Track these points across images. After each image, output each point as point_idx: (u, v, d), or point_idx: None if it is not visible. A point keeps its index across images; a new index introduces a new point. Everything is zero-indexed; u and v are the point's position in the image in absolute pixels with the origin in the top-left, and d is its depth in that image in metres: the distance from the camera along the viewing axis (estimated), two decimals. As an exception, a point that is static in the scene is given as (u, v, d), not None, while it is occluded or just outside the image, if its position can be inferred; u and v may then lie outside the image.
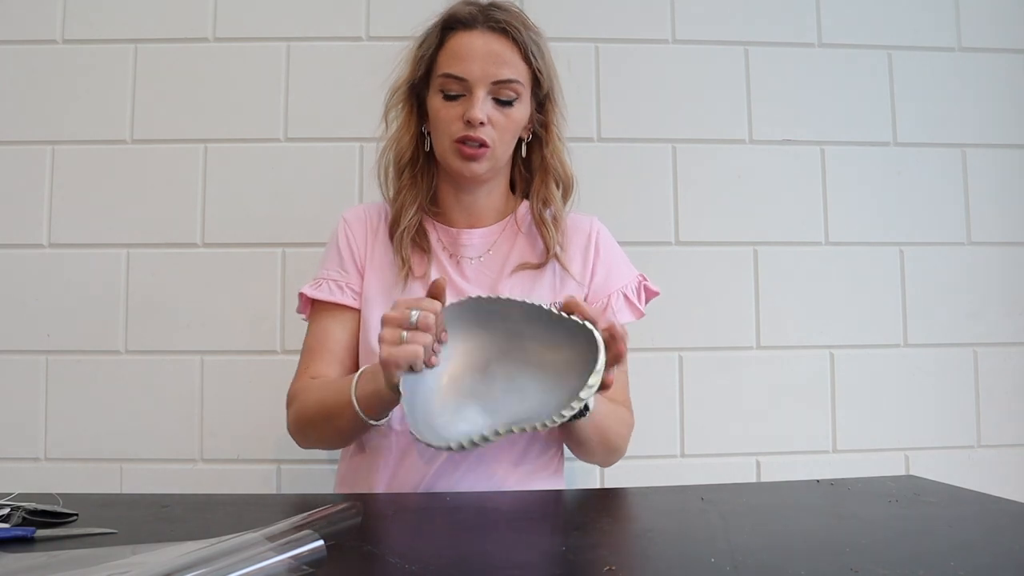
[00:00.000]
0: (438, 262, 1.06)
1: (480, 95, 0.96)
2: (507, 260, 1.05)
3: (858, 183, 1.49)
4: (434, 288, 0.81)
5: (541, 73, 1.01)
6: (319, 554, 0.54)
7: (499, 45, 0.98)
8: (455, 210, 1.07)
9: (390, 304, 1.02)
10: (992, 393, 1.48)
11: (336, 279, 1.05)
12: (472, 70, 0.96)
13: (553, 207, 1.06)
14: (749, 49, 1.50)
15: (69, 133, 1.42)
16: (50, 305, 1.40)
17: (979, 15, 1.53)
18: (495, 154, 1.00)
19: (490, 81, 0.97)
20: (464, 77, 0.97)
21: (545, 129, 1.06)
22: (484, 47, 0.97)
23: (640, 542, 0.66)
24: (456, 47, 0.98)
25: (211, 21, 1.45)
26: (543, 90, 1.04)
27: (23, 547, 0.66)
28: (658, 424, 1.44)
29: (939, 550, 0.63)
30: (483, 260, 1.06)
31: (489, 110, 0.97)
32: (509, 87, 0.98)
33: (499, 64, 0.97)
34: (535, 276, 1.04)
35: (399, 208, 1.05)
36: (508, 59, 0.98)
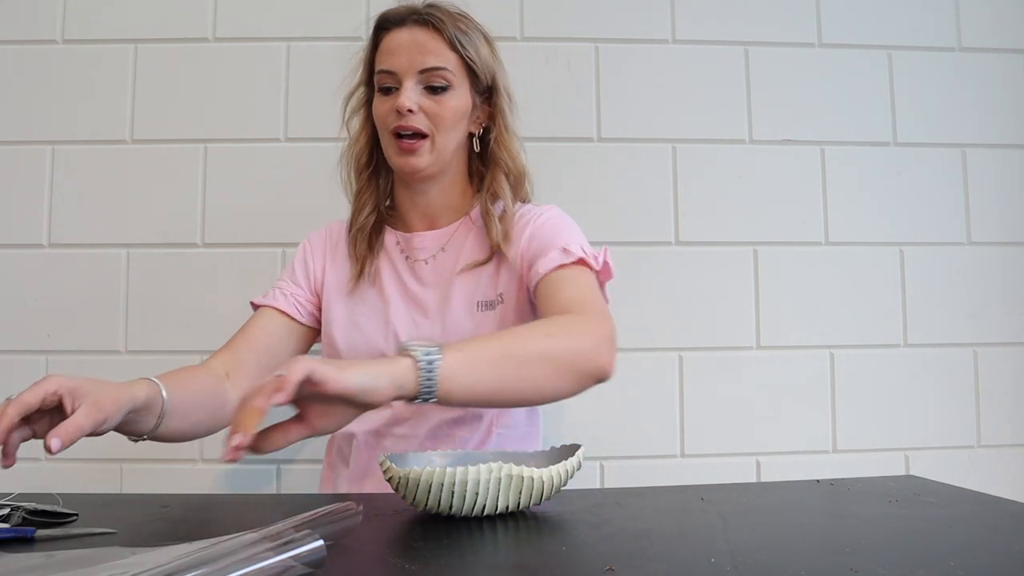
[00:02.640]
0: (393, 267, 1.07)
1: (408, 84, 0.98)
2: (459, 259, 1.05)
3: (858, 183, 1.49)
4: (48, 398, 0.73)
5: (474, 62, 1.02)
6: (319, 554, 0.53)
7: (423, 35, 1.00)
8: (411, 213, 1.09)
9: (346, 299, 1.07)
10: (992, 393, 1.48)
11: (282, 288, 1.08)
12: (400, 62, 0.99)
13: (502, 200, 1.05)
14: (749, 49, 1.50)
15: (69, 133, 1.42)
16: (50, 305, 1.40)
17: (979, 15, 1.53)
18: (435, 145, 1.01)
19: (416, 70, 0.99)
20: (393, 70, 0.99)
21: (492, 121, 1.07)
22: (410, 39, 1.00)
23: (640, 542, 0.66)
24: (386, 44, 1.01)
25: (211, 21, 1.45)
26: (483, 81, 1.04)
27: (23, 547, 0.66)
28: (658, 424, 1.44)
29: (939, 550, 0.63)
30: (436, 260, 1.06)
31: (419, 98, 0.99)
32: (437, 74, 0.99)
33: (424, 53, 0.99)
34: (479, 272, 1.03)
35: (356, 209, 1.09)
36: (433, 48, 1.00)
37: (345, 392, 0.66)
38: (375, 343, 1.04)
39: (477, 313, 1.02)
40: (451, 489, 0.73)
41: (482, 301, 1.02)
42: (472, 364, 0.75)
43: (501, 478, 0.74)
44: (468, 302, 1.03)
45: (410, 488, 0.74)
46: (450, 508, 0.74)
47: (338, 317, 1.07)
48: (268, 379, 0.64)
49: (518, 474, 0.74)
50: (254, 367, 1.01)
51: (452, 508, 0.74)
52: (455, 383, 0.73)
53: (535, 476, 0.76)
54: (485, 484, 0.73)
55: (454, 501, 0.73)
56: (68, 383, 0.73)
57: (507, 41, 1.46)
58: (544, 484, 0.77)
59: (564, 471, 0.79)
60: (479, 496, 0.74)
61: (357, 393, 0.67)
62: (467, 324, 1.02)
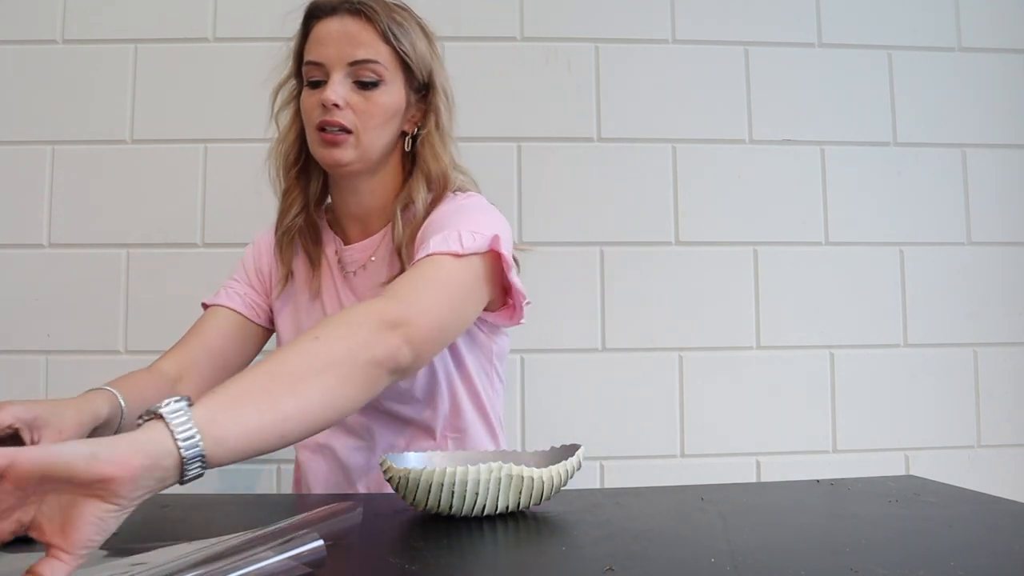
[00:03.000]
0: (330, 275, 1.03)
1: (336, 77, 0.92)
2: (388, 267, 0.99)
3: (858, 183, 1.49)
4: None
5: (409, 57, 0.95)
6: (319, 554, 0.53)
7: (355, 26, 0.93)
8: (345, 216, 1.03)
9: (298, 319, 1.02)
10: (992, 393, 1.48)
11: (231, 287, 1.05)
12: (328, 53, 0.93)
13: (415, 207, 0.96)
14: (749, 49, 1.50)
15: (69, 133, 1.42)
16: (50, 305, 1.40)
17: (979, 15, 1.53)
18: (360, 141, 0.94)
19: (345, 62, 0.93)
20: (321, 61, 0.94)
21: (423, 120, 1.00)
22: (340, 29, 0.93)
23: (640, 542, 0.66)
24: (316, 34, 0.95)
25: (211, 21, 1.45)
26: (418, 78, 0.98)
27: (23, 547, 0.66)
28: (658, 424, 1.44)
29: (939, 550, 0.63)
30: (367, 270, 1.00)
31: (347, 93, 0.93)
32: (367, 68, 0.93)
33: (354, 45, 0.93)
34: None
35: (283, 209, 1.03)
36: (364, 40, 0.93)
37: (45, 466, 0.45)
38: None
39: None
40: (451, 489, 0.73)
41: None
42: (232, 401, 0.58)
43: (501, 478, 0.74)
44: None
45: (410, 488, 0.74)
46: (450, 508, 0.74)
47: (285, 327, 1.03)
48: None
49: (518, 474, 0.75)
50: (207, 368, 0.97)
51: (452, 508, 0.74)
52: (223, 429, 0.55)
53: (535, 476, 0.76)
54: (485, 484, 0.73)
55: (454, 501, 0.73)
56: (24, 414, 0.69)
57: (507, 41, 1.47)
58: (544, 484, 0.77)
59: (564, 471, 0.79)
60: (479, 496, 0.74)
61: (71, 462, 0.45)
62: None
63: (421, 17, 1.00)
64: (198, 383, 0.95)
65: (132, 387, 0.85)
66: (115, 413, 0.80)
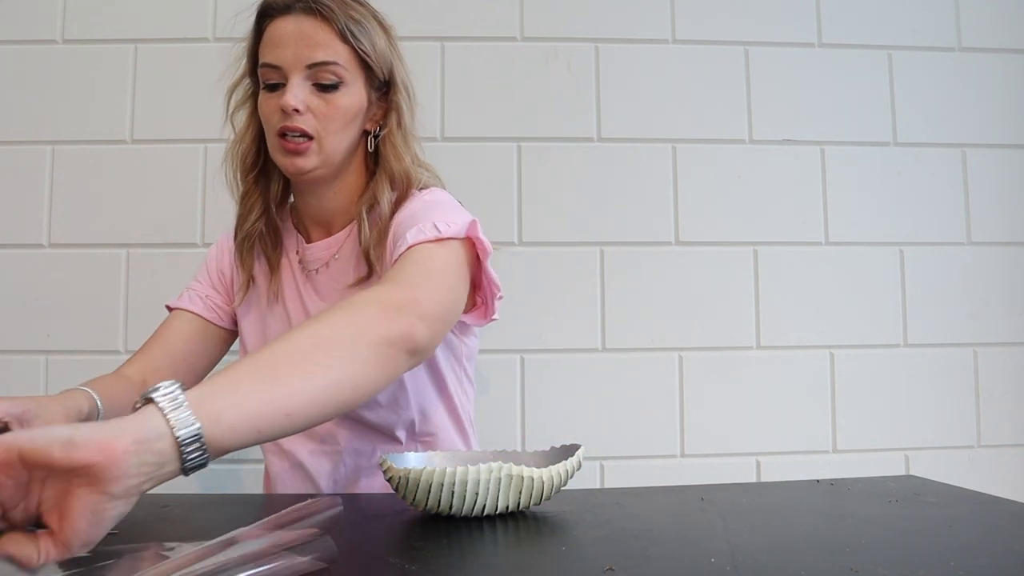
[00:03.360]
0: (292, 276, 1.01)
1: (295, 81, 0.89)
2: (351, 268, 0.97)
3: (858, 183, 1.49)
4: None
5: (368, 55, 0.92)
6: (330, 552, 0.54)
7: (312, 27, 0.89)
8: (307, 216, 1.01)
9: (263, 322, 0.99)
10: (992, 393, 1.48)
11: (196, 290, 1.04)
12: (285, 56, 0.89)
13: (379, 207, 0.93)
14: (749, 49, 1.50)
15: (69, 133, 1.42)
16: (50, 305, 1.40)
17: (979, 15, 1.53)
18: (322, 147, 0.91)
19: (303, 65, 0.89)
20: (278, 64, 0.90)
21: (385, 119, 0.97)
22: (296, 30, 0.89)
23: (640, 542, 0.66)
24: (271, 35, 0.91)
25: (211, 21, 1.45)
26: (379, 76, 0.94)
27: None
28: (658, 424, 1.44)
29: (939, 550, 0.63)
30: (330, 269, 0.98)
31: (307, 96, 0.89)
32: (326, 69, 0.90)
33: (312, 46, 0.89)
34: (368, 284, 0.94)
35: (242, 214, 1.00)
36: (322, 40, 0.89)
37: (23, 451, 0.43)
38: None
39: None
40: (451, 489, 0.73)
41: None
42: (230, 381, 0.55)
43: (501, 478, 0.74)
44: None
45: (410, 488, 0.74)
46: (450, 508, 0.74)
47: (249, 331, 1.01)
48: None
49: (518, 474, 0.75)
50: (170, 373, 0.95)
51: (452, 508, 0.74)
52: (218, 406, 0.52)
53: (535, 476, 0.76)
54: (485, 484, 0.73)
55: (454, 501, 0.73)
56: (13, 408, 0.69)
57: (507, 41, 1.47)
58: (544, 484, 0.77)
59: (564, 471, 0.79)
60: (479, 496, 0.74)
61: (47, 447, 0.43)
62: None
63: (377, 11, 0.96)
64: None
65: (104, 389, 0.85)
66: (93, 412, 0.80)
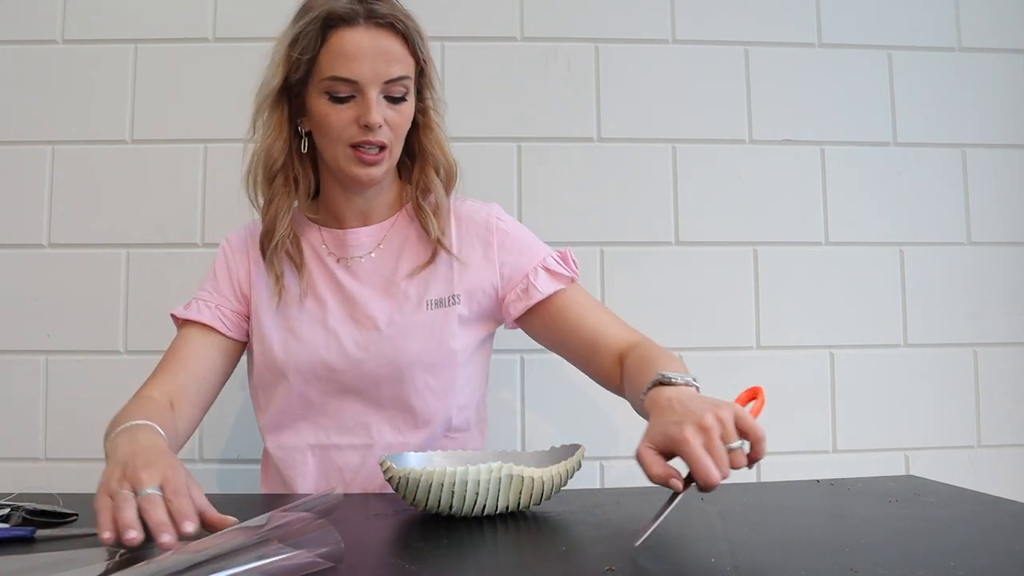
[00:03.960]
0: (326, 269, 1.02)
1: (373, 96, 0.92)
2: (400, 257, 1.02)
3: (858, 183, 1.49)
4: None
5: (426, 63, 0.97)
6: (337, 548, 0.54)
7: (387, 41, 0.92)
8: (344, 210, 1.03)
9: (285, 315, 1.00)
10: (992, 393, 1.48)
11: (207, 299, 1.03)
12: (363, 71, 0.91)
13: (434, 194, 1.01)
14: (749, 49, 1.50)
15: (69, 133, 1.42)
16: (50, 305, 1.40)
17: (979, 15, 1.53)
18: (392, 155, 0.97)
19: (382, 81, 0.92)
20: (355, 79, 0.91)
21: (423, 115, 1.02)
22: (372, 44, 0.91)
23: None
24: (340, 46, 0.91)
25: (211, 21, 1.45)
26: (424, 78, 1.00)
27: (23, 547, 0.66)
28: (658, 424, 1.44)
29: (939, 550, 0.63)
30: (373, 257, 1.02)
31: (384, 110, 0.93)
32: (400, 84, 0.94)
33: (390, 62, 0.92)
34: (429, 274, 1.00)
35: (272, 218, 1.00)
36: (397, 55, 0.93)
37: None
38: (315, 350, 0.99)
39: (428, 312, 0.99)
40: (451, 489, 0.73)
41: (433, 300, 0.99)
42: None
43: (501, 478, 0.74)
44: (417, 301, 0.99)
45: (410, 488, 0.74)
46: (450, 508, 0.74)
47: (271, 326, 1.01)
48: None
49: (518, 474, 0.75)
50: (195, 395, 0.97)
51: (452, 508, 0.74)
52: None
53: (535, 476, 0.76)
54: (485, 484, 0.74)
55: (454, 501, 0.74)
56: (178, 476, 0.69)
57: (507, 41, 1.47)
58: (544, 484, 0.77)
59: (564, 471, 0.79)
60: (479, 496, 0.74)
61: None
62: (418, 324, 0.99)
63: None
64: (187, 410, 0.96)
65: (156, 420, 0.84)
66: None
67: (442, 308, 0.99)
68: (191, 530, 0.61)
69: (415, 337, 0.98)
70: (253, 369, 1.04)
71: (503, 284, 1.02)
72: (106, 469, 0.69)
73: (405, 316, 0.99)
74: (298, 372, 0.99)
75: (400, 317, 0.99)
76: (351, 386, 1.00)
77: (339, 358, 0.99)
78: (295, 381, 1.00)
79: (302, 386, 1.00)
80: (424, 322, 0.99)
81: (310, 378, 1.00)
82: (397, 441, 1.00)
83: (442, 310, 0.99)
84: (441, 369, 0.99)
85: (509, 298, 1.01)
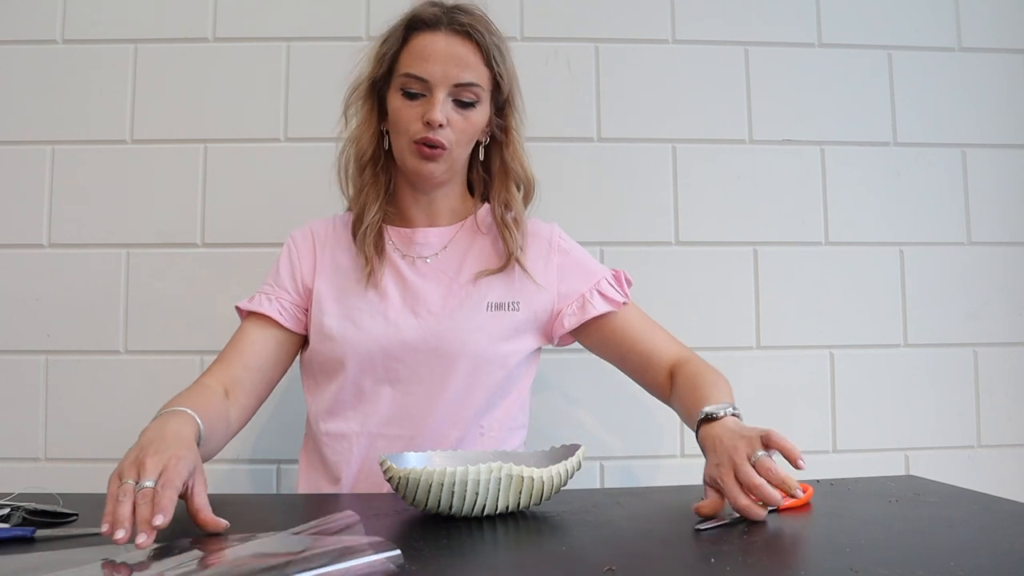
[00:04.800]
0: (392, 264, 1.06)
1: (440, 96, 0.97)
2: (464, 260, 1.06)
3: (858, 183, 1.49)
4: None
5: (502, 78, 1.02)
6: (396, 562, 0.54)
7: (462, 48, 0.98)
8: (412, 210, 1.08)
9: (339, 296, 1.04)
10: (992, 393, 1.48)
11: (268, 293, 1.06)
12: (433, 71, 0.97)
13: (514, 210, 1.07)
14: (749, 49, 1.50)
15: (69, 133, 1.42)
16: (50, 305, 1.40)
17: (979, 15, 1.53)
18: (452, 156, 1.01)
19: (451, 83, 0.98)
20: (425, 78, 0.97)
21: (505, 133, 1.07)
22: (446, 49, 0.98)
23: (640, 542, 0.66)
24: (418, 47, 0.98)
25: (211, 21, 1.45)
26: (503, 94, 1.04)
27: (23, 547, 0.66)
28: (658, 424, 1.44)
29: (939, 550, 0.63)
30: (439, 258, 1.07)
31: (449, 112, 0.98)
32: (470, 90, 0.99)
33: (461, 67, 0.98)
34: (495, 280, 1.05)
35: (362, 206, 1.06)
36: (470, 62, 0.98)
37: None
38: (375, 338, 1.02)
39: (486, 313, 1.03)
40: (451, 489, 0.73)
41: (494, 303, 1.04)
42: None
43: (501, 478, 0.74)
44: (479, 302, 1.03)
45: (410, 488, 0.74)
46: (450, 508, 0.74)
47: (333, 314, 1.04)
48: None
49: (518, 474, 0.75)
50: (250, 385, 1.01)
51: (452, 508, 0.74)
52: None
53: (535, 476, 0.76)
54: (485, 484, 0.74)
55: (454, 501, 0.74)
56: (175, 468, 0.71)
57: (507, 41, 1.47)
58: (544, 484, 0.77)
59: (564, 471, 0.79)
60: (479, 496, 0.74)
61: None
62: (476, 322, 1.02)
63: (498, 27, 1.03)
64: (242, 399, 0.99)
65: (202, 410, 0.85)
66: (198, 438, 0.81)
67: (501, 311, 1.04)
68: (157, 524, 0.62)
69: (471, 332, 1.02)
70: (310, 356, 1.06)
71: (559, 300, 1.07)
72: (128, 450, 0.73)
73: (464, 312, 1.03)
74: (355, 359, 1.02)
75: (459, 312, 1.03)
76: (403, 376, 1.02)
77: (397, 345, 1.02)
78: (351, 368, 1.02)
79: (357, 374, 1.03)
80: (482, 321, 1.03)
81: (366, 366, 1.02)
82: (439, 435, 1.02)
83: (501, 313, 1.04)
84: (490, 368, 1.02)
85: (564, 313, 1.06)
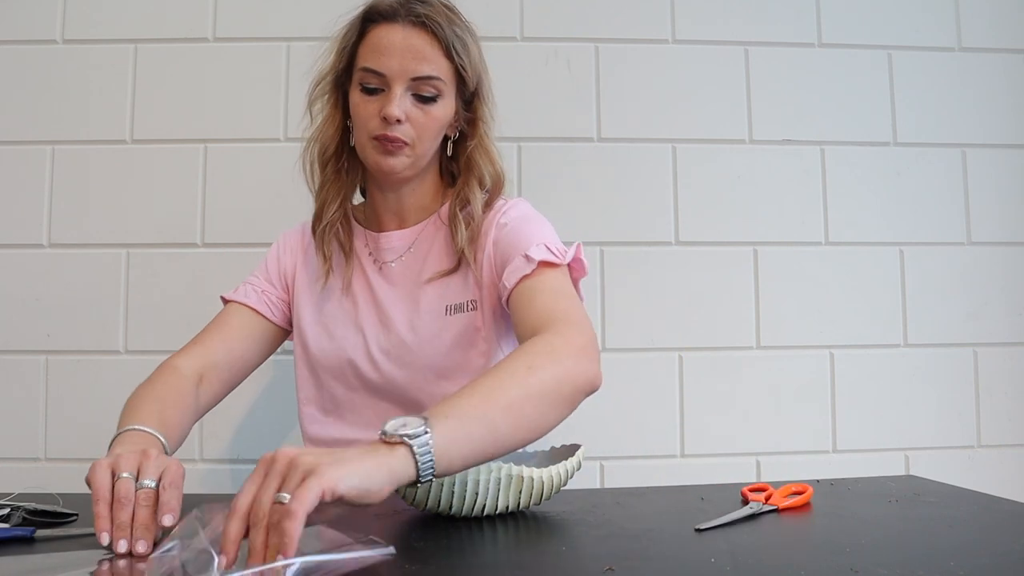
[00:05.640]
0: (360, 268, 1.04)
1: (398, 91, 0.92)
2: (425, 263, 1.02)
3: (858, 183, 1.49)
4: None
5: (465, 70, 0.96)
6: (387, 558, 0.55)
7: (419, 40, 0.93)
8: (382, 210, 1.04)
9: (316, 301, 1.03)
10: (992, 393, 1.48)
11: (254, 285, 1.06)
12: (390, 65, 0.92)
13: (471, 207, 1.00)
14: (749, 49, 1.50)
15: (69, 133, 1.42)
16: (50, 305, 1.40)
17: (979, 15, 1.53)
18: (415, 152, 0.96)
19: (408, 77, 0.93)
20: (382, 72, 0.93)
21: (472, 127, 1.02)
22: (403, 41, 0.93)
23: (640, 542, 0.66)
24: (375, 40, 0.94)
25: (211, 21, 1.45)
26: (469, 87, 0.99)
27: (23, 547, 0.66)
28: (658, 424, 1.44)
29: (939, 550, 0.63)
30: (403, 261, 1.03)
31: (408, 107, 0.94)
32: (429, 83, 0.94)
33: (418, 60, 0.93)
34: (448, 282, 1.00)
35: (322, 203, 1.03)
36: (428, 55, 0.93)
37: (344, 500, 0.58)
38: (344, 348, 1.01)
39: (447, 316, 0.99)
40: (451, 489, 0.73)
41: (452, 305, 0.99)
42: (463, 429, 0.66)
43: (501, 478, 0.74)
44: (437, 306, 0.99)
45: (410, 488, 0.74)
46: (450, 508, 0.74)
47: (308, 320, 1.04)
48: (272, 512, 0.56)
49: (518, 474, 0.75)
50: (226, 371, 1.00)
51: (452, 508, 0.74)
52: (452, 454, 0.64)
53: (535, 476, 0.76)
54: (485, 484, 0.73)
55: (454, 501, 0.74)
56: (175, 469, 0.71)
57: (507, 41, 1.47)
58: (544, 484, 0.77)
59: (564, 471, 0.79)
60: (479, 496, 0.74)
61: (355, 500, 0.58)
62: (436, 327, 0.99)
63: (468, 19, 0.99)
64: (216, 386, 0.98)
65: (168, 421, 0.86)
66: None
67: (461, 313, 0.99)
68: (167, 523, 0.63)
69: (435, 343, 0.98)
70: (296, 362, 1.07)
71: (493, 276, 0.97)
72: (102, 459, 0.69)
73: (426, 322, 0.99)
74: (327, 368, 1.02)
75: (421, 323, 0.99)
76: (376, 385, 1.01)
77: (363, 359, 1.01)
78: (325, 377, 1.03)
79: (331, 382, 1.03)
80: (445, 328, 0.99)
81: (338, 374, 1.02)
82: None
83: (462, 315, 0.99)
84: (456, 375, 0.99)
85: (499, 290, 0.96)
